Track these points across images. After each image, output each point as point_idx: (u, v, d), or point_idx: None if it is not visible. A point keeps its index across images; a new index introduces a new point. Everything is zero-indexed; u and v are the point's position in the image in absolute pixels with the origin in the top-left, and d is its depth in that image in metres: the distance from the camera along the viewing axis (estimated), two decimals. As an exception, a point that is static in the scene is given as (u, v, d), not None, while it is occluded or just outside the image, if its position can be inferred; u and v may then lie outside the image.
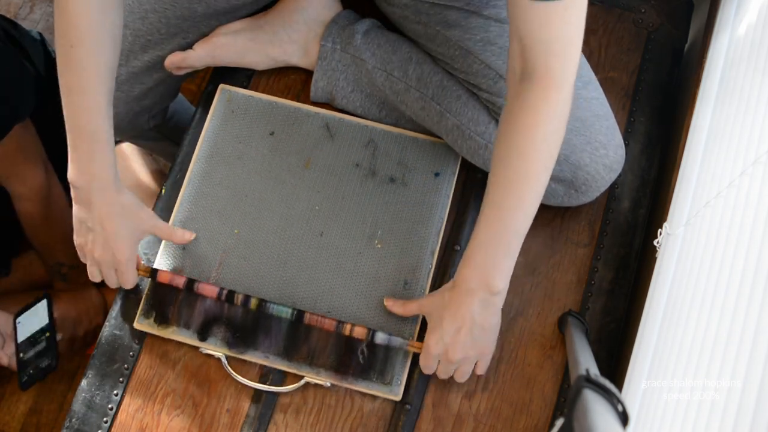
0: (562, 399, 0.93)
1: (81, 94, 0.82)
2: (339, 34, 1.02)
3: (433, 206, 0.98)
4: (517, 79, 0.76)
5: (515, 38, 0.74)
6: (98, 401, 0.93)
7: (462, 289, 0.82)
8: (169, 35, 1.01)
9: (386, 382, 0.91)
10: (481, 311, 0.82)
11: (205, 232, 0.97)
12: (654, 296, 0.85)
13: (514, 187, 0.78)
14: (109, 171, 0.85)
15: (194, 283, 0.92)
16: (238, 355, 0.92)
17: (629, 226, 1.00)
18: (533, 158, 0.77)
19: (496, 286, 0.81)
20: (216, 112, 1.03)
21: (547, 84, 0.74)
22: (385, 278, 0.95)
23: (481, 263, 0.81)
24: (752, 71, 0.80)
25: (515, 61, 0.76)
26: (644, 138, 1.04)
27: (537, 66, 0.74)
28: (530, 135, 0.76)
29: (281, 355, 0.92)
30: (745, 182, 0.70)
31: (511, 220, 0.79)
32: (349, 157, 1.00)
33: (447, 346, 0.84)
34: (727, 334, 0.62)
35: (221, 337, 0.93)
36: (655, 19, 1.09)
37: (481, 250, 0.81)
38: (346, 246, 0.96)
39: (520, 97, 0.76)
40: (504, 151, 0.78)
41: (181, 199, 0.99)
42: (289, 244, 0.96)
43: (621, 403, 0.58)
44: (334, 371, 0.91)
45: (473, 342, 0.84)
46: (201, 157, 1.01)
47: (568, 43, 0.73)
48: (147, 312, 0.94)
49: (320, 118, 1.02)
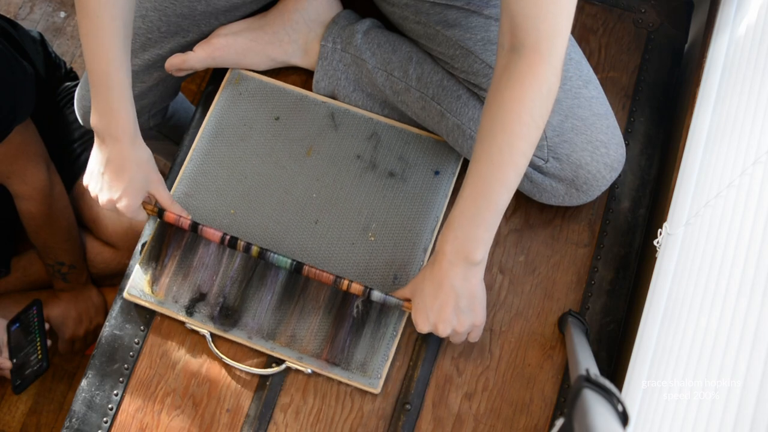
0: (562, 399, 0.93)
1: (96, 39, 0.84)
2: (339, 34, 1.02)
3: (430, 204, 0.98)
4: (506, 52, 0.76)
5: (506, 14, 0.75)
6: (98, 401, 0.93)
7: (442, 263, 0.83)
8: (169, 34, 1.01)
9: (366, 374, 0.91)
10: (462, 282, 0.83)
11: (201, 209, 0.98)
12: (654, 296, 0.85)
13: (497, 161, 0.78)
14: (126, 120, 0.87)
15: (198, 226, 0.93)
16: (222, 333, 0.92)
17: (629, 226, 1.00)
18: (518, 133, 0.76)
19: (475, 257, 0.81)
20: (224, 93, 1.04)
21: (535, 59, 0.74)
22: (375, 271, 0.95)
23: (461, 236, 0.81)
24: (752, 71, 0.80)
25: (504, 36, 0.76)
26: (644, 138, 1.04)
27: (526, 41, 0.74)
28: (516, 108, 0.76)
29: (264, 337, 0.92)
30: (745, 182, 0.70)
31: (492, 195, 0.79)
32: (351, 149, 1.01)
33: (435, 323, 0.85)
34: (727, 334, 0.62)
35: (207, 314, 0.93)
36: (655, 19, 1.09)
37: (462, 223, 0.81)
38: (339, 235, 0.97)
39: (507, 69, 0.76)
40: (489, 124, 0.78)
41: (182, 176, 1.00)
42: (284, 228, 0.97)
43: (621, 403, 0.58)
44: (316, 358, 0.91)
45: (460, 315, 0.84)
46: (205, 135, 1.02)
47: (558, 19, 0.73)
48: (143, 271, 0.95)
49: (326, 107, 1.03)
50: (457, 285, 0.83)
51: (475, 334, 0.88)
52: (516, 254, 0.98)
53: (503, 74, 0.76)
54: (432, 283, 0.84)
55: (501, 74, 0.77)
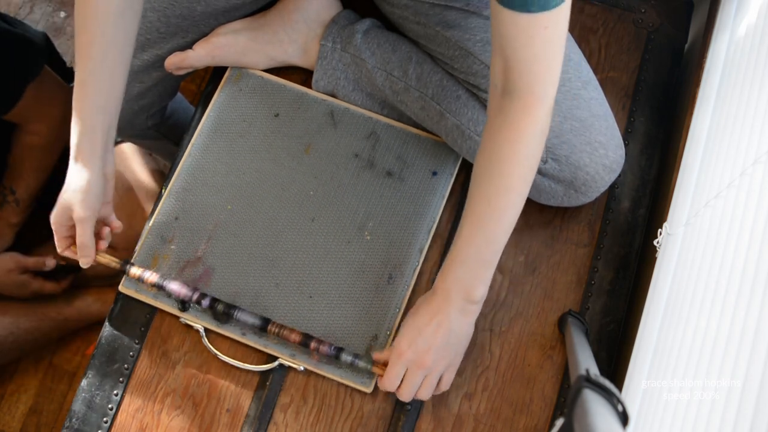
0: (562, 399, 0.93)
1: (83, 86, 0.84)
2: (339, 34, 1.02)
3: (427, 205, 0.98)
4: (499, 94, 0.76)
5: (498, 55, 0.74)
6: (98, 401, 0.93)
7: (441, 296, 0.82)
8: (168, 34, 1.01)
9: (359, 372, 0.91)
10: (458, 317, 0.82)
11: (198, 204, 0.98)
12: (654, 296, 0.85)
13: (494, 201, 0.78)
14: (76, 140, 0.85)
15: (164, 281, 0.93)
16: (216, 328, 0.93)
17: (629, 226, 1.00)
18: (515, 174, 0.77)
19: (476, 295, 0.82)
20: (224, 89, 1.04)
21: (529, 101, 0.74)
22: (370, 270, 0.95)
23: (461, 277, 0.81)
24: (752, 71, 0.80)
25: (497, 77, 0.76)
26: (644, 138, 1.04)
27: (519, 84, 0.74)
28: (512, 150, 0.76)
29: (257, 333, 0.92)
30: (745, 182, 0.70)
31: (491, 234, 0.79)
32: (350, 147, 1.01)
33: (421, 348, 0.82)
34: (727, 334, 0.62)
35: (201, 309, 0.93)
36: (655, 19, 1.09)
37: (462, 264, 0.81)
38: (335, 233, 0.97)
39: (502, 112, 0.76)
40: (485, 165, 0.78)
41: (180, 170, 1.00)
42: (280, 225, 0.97)
43: (621, 403, 0.58)
44: (309, 356, 0.91)
45: (447, 348, 0.83)
46: (204, 131, 1.02)
47: (550, 62, 0.73)
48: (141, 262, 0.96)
49: (326, 105, 1.03)
50: (452, 318, 0.82)
51: (447, 378, 0.85)
52: (516, 254, 0.98)
53: (497, 116, 0.77)
54: (429, 309, 0.83)
55: (495, 116, 0.77)
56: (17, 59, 1.17)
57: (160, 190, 1.01)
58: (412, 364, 0.82)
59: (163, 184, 1.01)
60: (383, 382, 0.84)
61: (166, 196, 0.99)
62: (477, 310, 0.84)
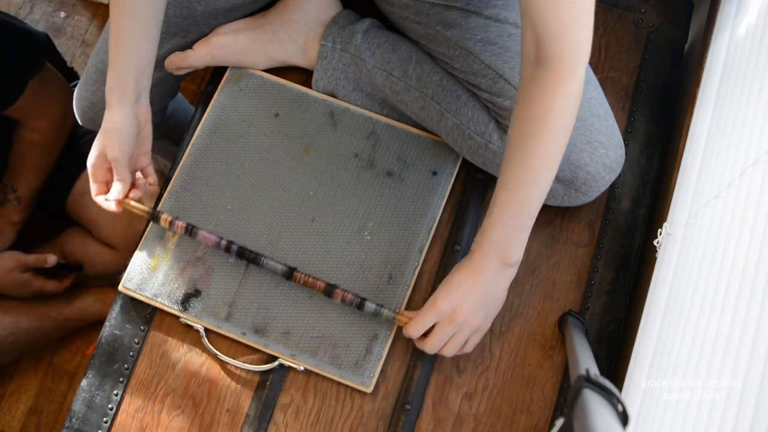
0: (562, 399, 0.93)
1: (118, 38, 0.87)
2: (339, 34, 1.02)
3: (426, 204, 0.98)
4: (532, 64, 0.78)
5: (528, 27, 0.76)
6: (98, 401, 0.93)
7: (478, 259, 0.83)
8: (168, 34, 1.01)
9: (359, 373, 0.91)
10: (495, 278, 0.83)
11: (198, 204, 0.98)
12: (654, 296, 0.85)
13: (529, 167, 0.80)
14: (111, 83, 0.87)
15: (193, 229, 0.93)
16: (216, 328, 0.93)
17: (629, 226, 1.00)
18: (549, 140, 0.78)
19: (513, 257, 0.83)
20: (224, 89, 1.04)
21: (561, 71, 0.76)
22: (370, 270, 0.95)
23: (498, 239, 0.82)
24: (752, 71, 0.80)
25: (529, 49, 0.77)
26: (644, 138, 1.04)
27: (551, 55, 0.76)
28: (546, 118, 0.78)
29: (257, 333, 0.92)
30: (745, 182, 0.70)
31: (526, 199, 0.81)
32: (350, 147, 1.01)
33: (457, 302, 0.83)
34: (727, 334, 0.62)
35: (201, 309, 0.93)
36: (655, 19, 1.09)
37: (499, 228, 0.82)
38: (335, 234, 0.97)
39: (535, 80, 0.77)
40: (520, 132, 0.80)
41: (180, 170, 1.00)
42: (280, 225, 0.97)
43: (621, 403, 0.58)
44: (309, 356, 0.91)
45: (481, 307, 0.84)
46: (204, 131, 1.02)
47: (581, 33, 0.75)
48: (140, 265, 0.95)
49: (326, 105, 1.03)
50: (489, 278, 0.83)
51: (474, 340, 0.87)
52: (516, 254, 0.98)
53: (530, 85, 0.78)
54: (466, 270, 0.84)
55: (528, 85, 0.78)
56: (20, 53, 1.18)
57: (160, 190, 1.01)
58: (444, 317, 0.84)
59: (163, 184, 1.01)
60: (409, 327, 0.85)
61: (166, 196, 0.99)
62: (512, 273, 0.85)
